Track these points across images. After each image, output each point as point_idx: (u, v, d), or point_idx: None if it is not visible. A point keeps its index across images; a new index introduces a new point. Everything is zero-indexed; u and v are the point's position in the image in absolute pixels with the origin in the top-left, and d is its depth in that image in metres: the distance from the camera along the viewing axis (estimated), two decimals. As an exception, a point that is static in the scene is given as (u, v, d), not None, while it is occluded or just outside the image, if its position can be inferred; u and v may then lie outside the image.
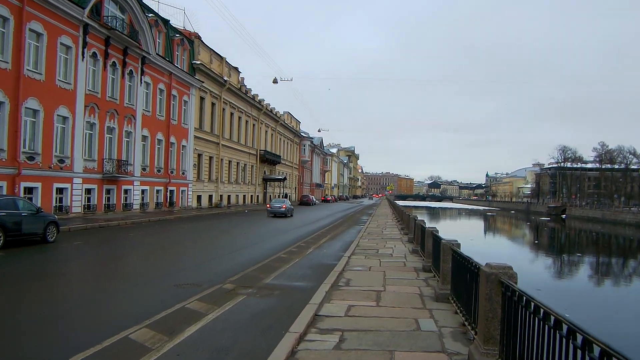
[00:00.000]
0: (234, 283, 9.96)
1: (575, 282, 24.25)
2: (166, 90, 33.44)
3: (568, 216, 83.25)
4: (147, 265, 12.46)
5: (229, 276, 10.69)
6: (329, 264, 13.00)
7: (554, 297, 17.67)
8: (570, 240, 48.68)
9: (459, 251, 7.16)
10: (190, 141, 37.58)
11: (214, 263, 12.91)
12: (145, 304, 8.10)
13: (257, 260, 13.24)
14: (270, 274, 11.16)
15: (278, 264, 12.94)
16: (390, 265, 12.15)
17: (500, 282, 4.57)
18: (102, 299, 8.43)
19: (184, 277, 10.47)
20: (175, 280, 10.13)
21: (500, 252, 32.57)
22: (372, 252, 15.07)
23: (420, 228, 13.95)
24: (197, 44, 38.61)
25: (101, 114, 26.02)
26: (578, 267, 28.89)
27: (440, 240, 8.51)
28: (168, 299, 8.30)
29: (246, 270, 11.64)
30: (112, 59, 26.90)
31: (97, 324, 6.83)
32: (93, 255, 14.49)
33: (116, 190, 27.63)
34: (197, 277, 10.58)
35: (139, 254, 14.76)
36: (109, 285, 9.72)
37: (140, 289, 9.29)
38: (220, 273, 11.15)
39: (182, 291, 9.04)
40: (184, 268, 11.96)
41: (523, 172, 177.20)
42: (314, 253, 15.69)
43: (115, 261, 13.42)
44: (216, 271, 11.52)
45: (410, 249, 15.55)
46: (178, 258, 13.99)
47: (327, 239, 20.58)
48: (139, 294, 8.89)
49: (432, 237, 10.88)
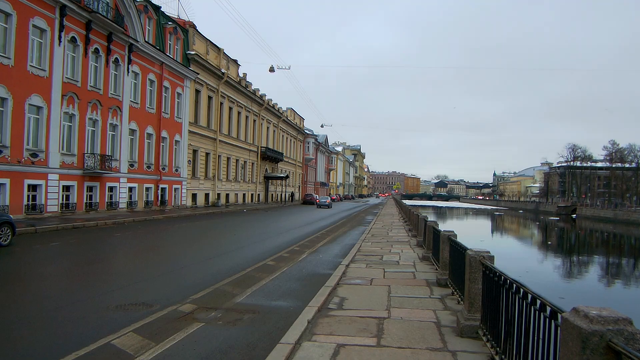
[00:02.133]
0: (196, 302, 7.76)
1: (601, 287, 21.98)
2: (157, 81, 31.30)
3: (578, 216, 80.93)
4: (97, 277, 10.26)
5: (195, 292, 8.49)
6: (322, 274, 10.80)
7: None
8: (587, 241, 46.18)
9: (496, 269, 4.94)
10: (185, 136, 35.45)
11: (183, 273, 10.71)
12: (58, 339, 5.88)
13: (237, 270, 11.03)
14: (246, 289, 8.95)
15: (261, 274, 10.73)
16: (396, 277, 9.90)
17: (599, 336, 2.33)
18: (5, 328, 6.23)
19: (135, 294, 8.29)
20: (123, 297, 7.95)
21: (514, 255, 30.24)
22: (375, 258, 12.83)
23: (432, 231, 11.68)
24: (191, 33, 36.45)
25: (82, 104, 23.90)
26: (602, 270, 26.55)
27: (465, 251, 6.25)
28: (95, 329, 6.13)
29: (219, 283, 9.43)
30: (94, 45, 24.76)
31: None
32: (44, 263, 12.29)
33: (99, 188, 25.51)
34: (152, 294, 8.40)
35: (98, 262, 12.56)
36: (30, 308, 7.48)
37: (67, 313, 7.06)
38: (185, 287, 8.96)
39: (120, 316, 6.85)
40: (143, 279, 9.78)
41: (531, 171, 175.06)
42: (307, 259, 13.46)
43: (64, 272, 11.20)
44: (180, 284, 9.33)
45: (420, 255, 13.29)
46: (142, 266, 11.78)
47: (326, 242, 18.35)
48: (59, 322, 6.65)
49: (449, 244, 8.63)
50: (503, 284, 4.62)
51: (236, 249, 15.47)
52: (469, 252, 5.93)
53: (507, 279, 4.51)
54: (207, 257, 13.32)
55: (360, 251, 14.47)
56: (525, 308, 3.97)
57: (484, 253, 5.70)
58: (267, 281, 9.87)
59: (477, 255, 5.71)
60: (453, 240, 8.23)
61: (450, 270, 8.63)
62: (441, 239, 9.23)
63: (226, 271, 10.77)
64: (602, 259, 32.27)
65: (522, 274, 21.73)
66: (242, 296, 8.42)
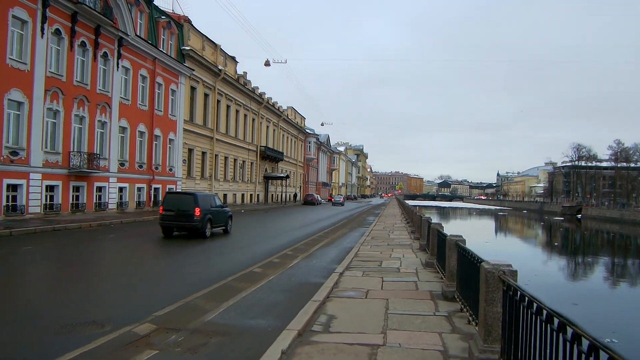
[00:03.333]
0: (157, 321, 6.52)
1: (618, 291, 20.72)
2: (149, 77, 30.11)
3: (584, 216, 79.59)
4: (55, 288, 9.06)
5: (160, 307, 7.25)
6: (313, 283, 9.58)
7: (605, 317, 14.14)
8: (593, 242, 44.80)
9: (524, 290, 3.71)
10: (179, 134, 34.25)
11: (153, 283, 9.50)
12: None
13: (217, 279, 9.81)
14: (221, 303, 7.73)
15: (243, 283, 9.51)
16: (396, 289, 8.66)
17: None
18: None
19: (91, 309, 7.10)
20: (75, 314, 6.75)
21: (521, 256, 28.96)
22: (374, 264, 11.59)
23: (437, 235, 10.43)
24: (186, 28, 35.26)
25: (67, 100, 22.73)
26: (614, 272, 25.26)
27: (480, 264, 5.00)
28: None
29: (191, 295, 8.20)
30: (81, 38, 23.59)
31: None
32: (5, 271, 11.12)
33: (87, 188, 24.32)
34: (110, 309, 7.21)
35: (63, 269, 11.36)
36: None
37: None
38: (151, 301, 7.75)
39: (61, 340, 5.64)
40: (106, 290, 8.59)
41: (535, 171, 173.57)
42: (299, 265, 12.23)
43: (21, 283, 10.01)
44: (146, 297, 8.13)
45: (424, 260, 12.04)
46: (110, 274, 10.56)
47: (322, 245, 17.12)
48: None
49: (457, 251, 7.39)
50: (536, 312, 3.38)
51: (224, 253, 14.27)
52: (485, 265, 4.68)
53: (542, 307, 3.27)
54: (185, 264, 12.11)
55: (358, 256, 13.24)
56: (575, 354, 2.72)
57: (504, 266, 4.45)
58: (247, 293, 8.64)
59: (495, 269, 4.47)
60: (462, 247, 6.98)
61: (459, 281, 7.39)
62: (447, 244, 7.99)
63: (203, 281, 9.55)
64: (614, 260, 30.95)
65: (530, 277, 20.47)
66: (215, 312, 7.19)
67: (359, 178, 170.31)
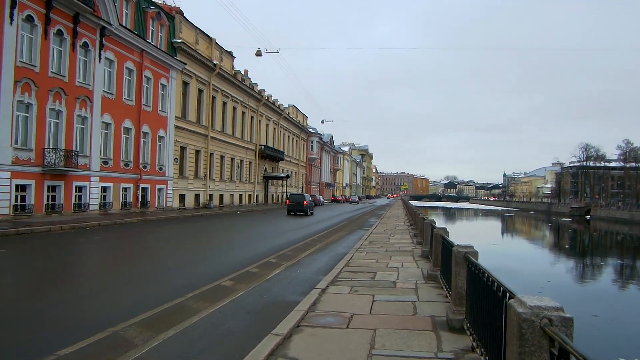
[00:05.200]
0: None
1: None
2: (136, 70, 28.38)
3: (593, 217, 77.42)
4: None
5: (71, 342, 5.45)
6: (288, 302, 7.78)
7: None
8: (603, 243, 42.70)
9: (572, 345, 1.91)
10: (170, 132, 32.52)
11: (86, 304, 7.65)
12: None
13: (172, 296, 7.99)
14: (162, 333, 5.93)
15: (202, 302, 7.71)
16: (388, 312, 6.81)
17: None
18: None
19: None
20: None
21: (531, 260, 27.06)
22: (366, 277, 9.75)
23: (441, 243, 8.57)
24: (178, 20, 33.52)
25: (41, 92, 21.03)
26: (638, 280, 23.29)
27: (508, 299, 3.17)
28: None
29: (128, 321, 6.40)
30: (57, 26, 21.89)
31: None
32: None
33: (64, 188, 22.61)
34: (13, 344, 5.42)
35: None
36: None
37: None
38: (69, 331, 5.96)
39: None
40: (32, 315, 6.79)
41: (542, 171, 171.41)
42: (279, 277, 10.41)
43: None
44: (66, 325, 6.33)
45: (426, 272, 10.18)
46: (44, 293, 8.70)
47: (313, 251, 15.29)
48: None
49: (467, 268, 5.56)
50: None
51: (194, 261, 12.45)
52: (518, 306, 2.83)
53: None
54: (144, 275, 10.32)
55: (350, 265, 11.41)
56: None
57: (551, 310, 2.63)
58: (202, 317, 6.83)
59: (536, 316, 2.63)
60: (473, 263, 5.15)
61: (470, 307, 5.56)
62: (454, 258, 6.14)
63: (154, 299, 7.74)
64: (633, 263, 28.93)
65: (544, 284, 18.63)
66: (146, 347, 5.40)
67: (364, 179, 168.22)
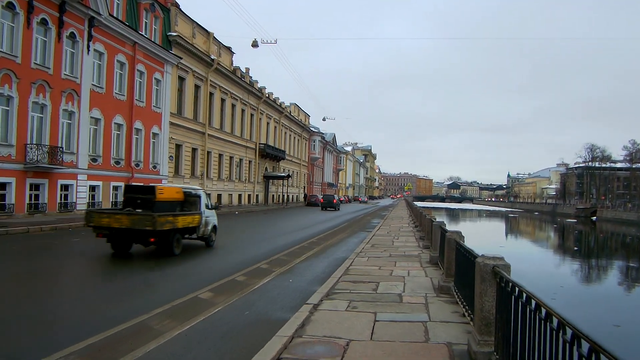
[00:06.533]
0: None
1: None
2: (128, 63, 27.09)
3: (599, 218, 75.93)
4: None
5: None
6: (272, 322, 6.49)
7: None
8: (609, 245, 41.20)
9: None
10: (165, 128, 31.22)
11: (26, 326, 6.36)
12: None
13: (128, 316, 6.65)
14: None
15: (169, 321, 6.39)
16: (394, 338, 5.45)
17: None
18: None
19: None
20: None
21: (540, 263, 25.65)
22: (367, 288, 8.40)
23: (455, 250, 7.19)
24: (174, 12, 32.23)
25: (22, 85, 19.76)
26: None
27: (564, 329, 1.82)
28: None
29: (69, 347, 5.09)
30: (41, 14, 20.63)
31: None
32: None
33: (48, 186, 21.34)
34: None
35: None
36: None
37: None
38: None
39: None
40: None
41: (547, 172, 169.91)
42: (266, 287, 9.09)
43: None
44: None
45: (436, 281, 8.83)
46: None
47: (310, 255, 13.98)
48: None
49: (497, 288, 4.21)
50: None
51: (171, 272, 11.12)
52: None
53: None
54: (118, 286, 9.02)
55: (350, 272, 10.08)
56: None
57: None
58: (160, 343, 5.50)
59: None
60: (507, 282, 3.80)
61: (501, 337, 4.22)
62: (479, 272, 4.78)
63: (116, 317, 6.42)
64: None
65: (556, 290, 17.24)
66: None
67: (367, 179, 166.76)
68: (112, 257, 11.89)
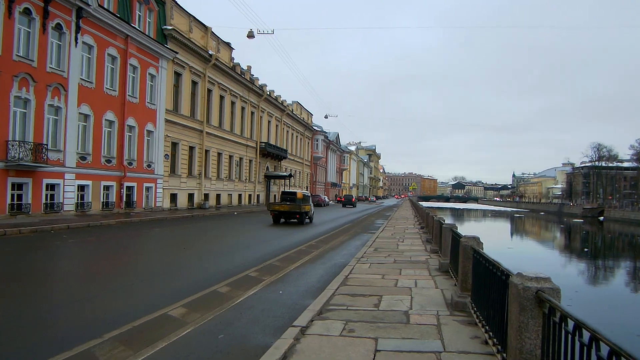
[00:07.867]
0: None
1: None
2: (120, 57, 25.91)
3: (606, 218, 74.64)
4: None
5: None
6: (251, 348, 5.27)
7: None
8: (627, 246, 39.75)
9: None
10: (160, 126, 30.03)
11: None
12: None
13: (75, 340, 5.42)
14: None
15: (120, 349, 5.14)
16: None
17: None
18: None
19: None
20: None
21: (551, 265, 24.34)
22: (368, 303, 7.13)
23: (472, 259, 5.88)
24: (169, 5, 31.02)
25: (3, 78, 18.61)
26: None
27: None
28: None
29: None
30: (24, 4, 19.47)
31: None
32: None
33: (32, 185, 20.17)
34: None
35: None
36: None
37: None
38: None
39: None
40: None
41: (553, 172, 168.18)
42: (252, 301, 7.82)
43: None
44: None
45: (449, 294, 7.54)
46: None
47: (307, 260, 12.71)
48: None
49: (544, 320, 2.92)
50: None
51: (146, 278, 9.87)
52: None
53: None
54: (80, 299, 7.77)
55: (348, 283, 8.81)
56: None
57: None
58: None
59: None
60: (563, 314, 2.53)
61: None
62: (516, 298, 3.50)
63: (63, 343, 5.19)
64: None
65: (572, 295, 15.89)
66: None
67: (371, 179, 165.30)
68: (69, 266, 10.63)
